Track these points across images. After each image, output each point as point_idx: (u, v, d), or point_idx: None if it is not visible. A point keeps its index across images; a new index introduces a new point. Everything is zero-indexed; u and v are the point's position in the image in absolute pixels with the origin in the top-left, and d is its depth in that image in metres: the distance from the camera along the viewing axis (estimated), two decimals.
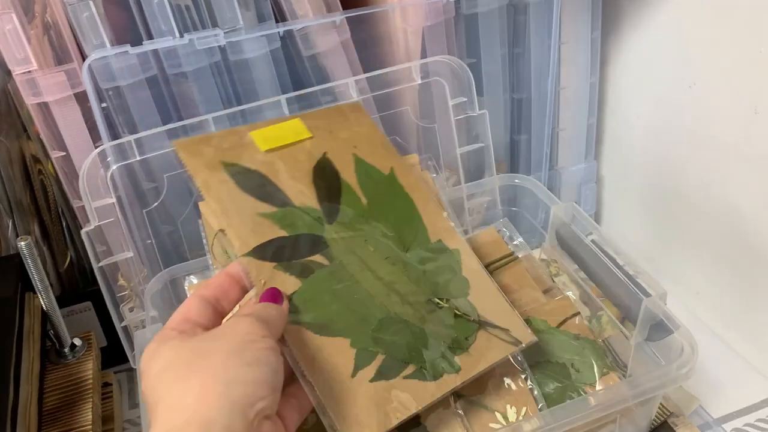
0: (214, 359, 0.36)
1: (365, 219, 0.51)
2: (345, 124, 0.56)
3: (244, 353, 0.37)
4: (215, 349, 0.37)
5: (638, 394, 0.47)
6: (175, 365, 0.37)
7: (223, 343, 0.37)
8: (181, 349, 0.38)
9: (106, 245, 0.61)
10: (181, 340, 0.39)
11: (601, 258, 0.56)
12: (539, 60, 0.73)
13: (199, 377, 0.35)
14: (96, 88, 0.57)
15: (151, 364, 0.38)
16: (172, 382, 0.36)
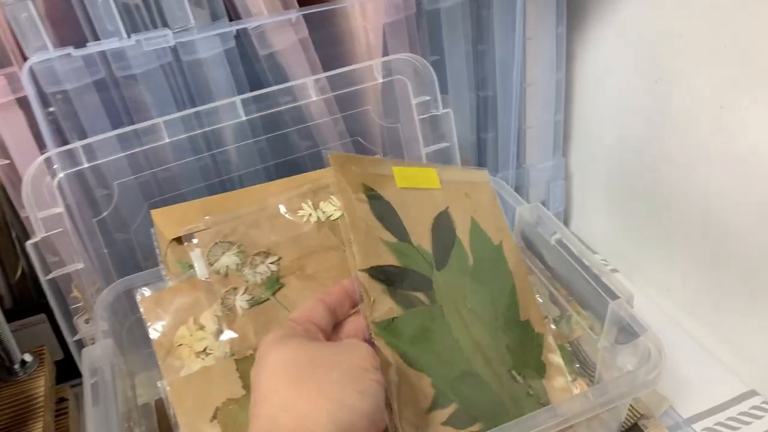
0: (332, 375, 0.37)
1: (468, 277, 0.54)
2: (471, 188, 0.59)
3: (358, 380, 0.38)
4: (335, 365, 0.38)
5: (606, 402, 0.46)
6: (296, 365, 0.38)
7: (344, 362, 0.38)
8: (305, 350, 0.39)
9: (58, 256, 0.58)
10: (307, 340, 0.40)
11: (566, 259, 0.55)
12: (504, 56, 0.72)
13: (314, 388, 0.36)
14: (39, 92, 0.55)
15: (274, 353, 0.39)
16: (288, 380, 0.37)
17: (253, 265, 0.52)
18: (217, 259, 0.52)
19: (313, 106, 0.64)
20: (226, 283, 0.52)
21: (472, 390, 0.48)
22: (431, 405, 0.46)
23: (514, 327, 0.53)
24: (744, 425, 0.61)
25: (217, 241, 0.53)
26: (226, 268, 0.52)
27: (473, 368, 0.49)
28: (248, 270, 0.52)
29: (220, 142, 0.62)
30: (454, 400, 0.47)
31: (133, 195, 0.60)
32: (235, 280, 0.52)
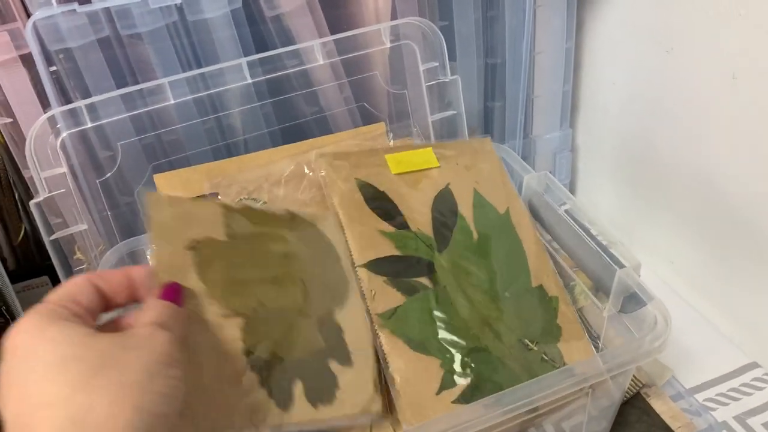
0: (129, 376, 0.31)
1: (473, 253, 0.54)
2: (472, 159, 0.58)
3: (159, 380, 0.32)
4: (130, 364, 0.32)
5: (612, 367, 0.46)
6: (81, 363, 0.31)
7: (139, 360, 0.32)
8: (89, 344, 0.32)
9: (61, 217, 0.58)
10: (81, 327, 0.33)
11: (574, 229, 0.54)
12: (514, 23, 0.71)
13: (110, 393, 0.30)
14: (43, 49, 0.54)
15: (44, 345, 0.31)
16: (74, 384, 0.30)
17: None
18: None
19: (320, 70, 0.63)
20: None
21: (482, 365, 0.49)
22: (440, 386, 0.47)
23: (526, 294, 0.53)
24: (745, 396, 0.61)
25: (243, 197, 0.53)
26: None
27: (482, 344, 0.50)
28: None
29: (225, 105, 0.61)
30: (464, 377, 0.48)
31: (137, 157, 0.60)
32: None
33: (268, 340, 0.43)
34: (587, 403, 0.51)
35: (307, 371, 0.44)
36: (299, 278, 0.47)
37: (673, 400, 0.60)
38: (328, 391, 0.45)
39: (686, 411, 0.60)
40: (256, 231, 0.47)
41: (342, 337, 0.47)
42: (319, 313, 0.47)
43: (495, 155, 0.60)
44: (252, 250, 0.46)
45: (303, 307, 0.46)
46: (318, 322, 0.47)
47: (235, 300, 0.43)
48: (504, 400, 0.43)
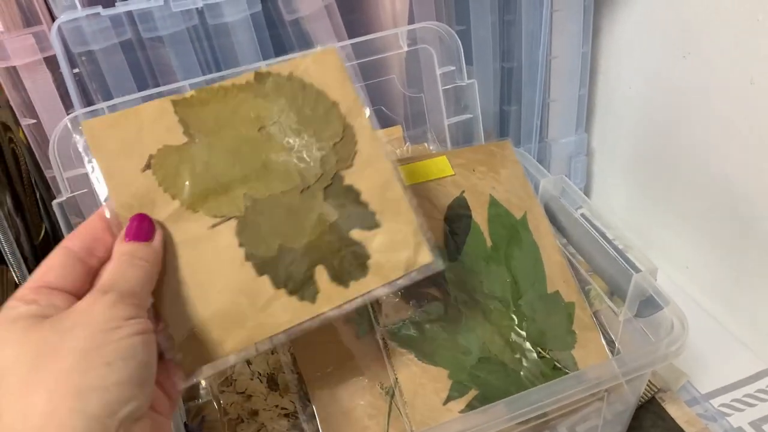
0: (65, 361, 0.29)
1: (486, 261, 0.53)
2: (489, 163, 0.57)
3: (102, 349, 0.29)
4: (66, 347, 0.29)
5: (627, 371, 0.46)
6: (19, 367, 0.29)
7: (77, 338, 0.29)
8: (26, 342, 0.29)
9: (82, 217, 0.58)
10: (28, 325, 0.30)
11: (590, 232, 0.54)
12: (531, 28, 0.71)
13: (46, 387, 0.28)
14: (67, 52, 0.55)
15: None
16: (14, 390, 0.28)
17: None
18: None
19: None
20: None
21: (491, 374, 0.49)
22: (448, 397, 0.48)
23: (541, 301, 0.53)
24: (761, 402, 0.61)
25: None
26: None
27: (492, 353, 0.50)
28: None
29: None
30: (472, 387, 0.48)
31: None
32: None
33: (271, 235, 0.39)
34: (602, 407, 0.52)
35: (325, 252, 0.39)
36: (288, 152, 0.40)
37: (689, 405, 0.60)
38: (358, 263, 0.40)
39: (701, 416, 0.60)
40: (219, 115, 0.40)
41: (360, 200, 0.41)
42: (324, 183, 0.40)
43: (515, 159, 0.60)
44: (221, 140, 0.40)
45: (301, 183, 0.40)
46: (325, 194, 0.40)
47: (219, 204, 0.38)
48: (514, 405, 0.43)
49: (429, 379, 0.48)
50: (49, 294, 0.32)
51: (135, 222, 0.36)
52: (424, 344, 0.50)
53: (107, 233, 0.36)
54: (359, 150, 0.41)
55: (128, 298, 0.32)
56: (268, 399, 0.50)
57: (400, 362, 0.49)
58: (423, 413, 0.47)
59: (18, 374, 0.29)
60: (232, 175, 0.39)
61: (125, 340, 0.30)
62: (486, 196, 0.56)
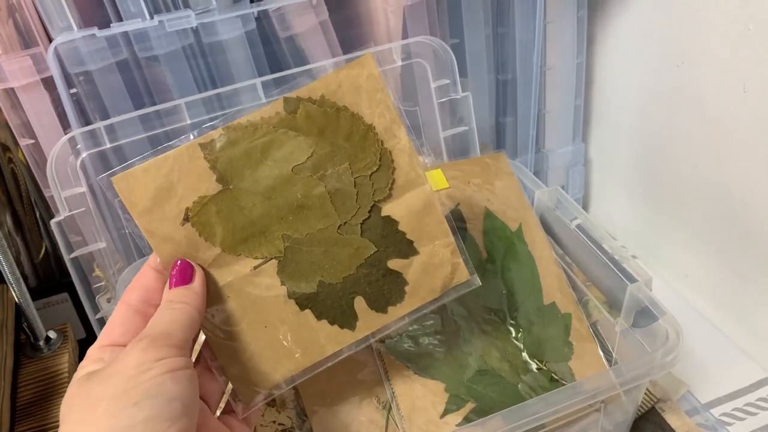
0: (101, 408, 0.32)
1: (482, 274, 0.52)
2: (484, 175, 0.57)
3: (131, 392, 0.32)
4: (102, 395, 0.32)
5: (624, 382, 0.46)
6: (72, 417, 0.33)
7: (110, 386, 0.32)
8: (79, 395, 0.33)
9: (81, 235, 0.59)
10: (84, 381, 0.34)
11: (585, 243, 0.55)
12: (524, 39, 0.71)
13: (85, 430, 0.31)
14: (64, 72, 0.55)
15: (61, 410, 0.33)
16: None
17: None
18: None
19: None
20: None
21: (488, 387, 0.49)
22: (445, 410, 0.48)
23: (538, 312, 0.53)
24: (762, 411, 0.60)
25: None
26: None
27: (488, 365, 0.50)
28: None
29: None
30: (469, 400, 0.48)
31: None
32: None
33: (310, 272, 0.40)
34: (600, 418, 0.51)
35: (363, 284, 0.40)
36: (323, 186, 0.40)
37: (689, 415, 0.60)
38: (396, 290, 0.41)
39: (702, 426, 0.59)
40: (251, 156, 0.39)
41: (398, 230, 0.41)
42: (361, 217, 0.40)
43: (509, 170, 0.60)
44: (255, 183, 0.39)
45: (338, 219, 0.40)
46: (362, 229, 0.40)
47: (259, 246, 0.39)
48: (511, 417, 0.43)
49: (426, 392, 0.49)
50: (112, 351, 0.35)
51: (176, 269, 0.38)
52: (420, 358, 0.50)
53: (160, 282, 0.38)
54: (397, 177, 0.41)
55: (161, 340, 0.34)
56: (266, 415, 0.50)
57: (397, 376, 0.49)
58: (420, 427, 0.47)
59: (71, 423, 0.32)
60: (269, 216, 0.39)
61: (153, 379, 0.32)
62: (481, 209, 0.57)
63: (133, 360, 0.33)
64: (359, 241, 0.40)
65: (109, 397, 0.32)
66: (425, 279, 0.41)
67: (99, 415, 0.31)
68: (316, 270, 0.40)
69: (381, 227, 0.41)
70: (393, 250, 0.41)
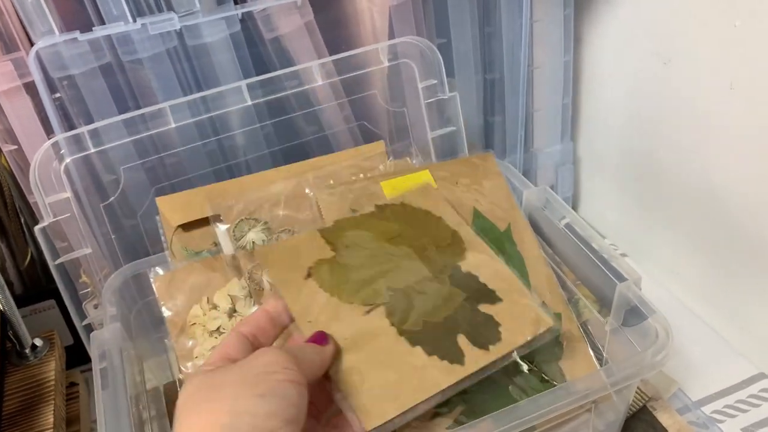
0: (226, 390, 0.35)
1: None
2: (472, 176, 0.59)
3: (258, 384, 0.35)
4: (229, 381, 0.36)
5: (615, 382, 0.46)
6: (192, 398, 0.36)
7: (238, 374, 0.36)
8: (202, 381, 0.37)
9: (66, 241, 0.58)
10: (207, 371, 0.38)
11: (574, 242, 0.54)
12: (511, 39, 0.71)
13: (208, 409, 0.34)
14: (46, 77, 0.55)
15: (179, 396, 0.37)
16: (186, 414, 0.35)
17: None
18: (243, 235, 0.53)
19: (319, 91, 0.64)
20: (253, 258, 0.52)
21: (477, 389, 0.48)
22: (435, 413, 0.47)
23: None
24: (753, 408, 0.60)
25: (243, 218, 0.54)
26: (253, 243, 0.53)
27: None
28: None
29: (226, 127, 0.62)
30: (459, 402, 0.48)
31: (139, 180, 0.60)
32: None
33: (415, 314, 0.46)
34: (591, 418, 0.51)
35: (462, 323, 0.46)
36: (414, 252, 0.49)
37: (680, 413, 0.60)
38: (492, 330, 0.46)
39: (693, 424, 0.59)
40: (355, 234, 0.50)
41: (480, 281, 0.48)
42: (447, 271, 0.49)
43: (497, 170, 0.60)
44: (360, 251, 0.49)
45: (429, 274, 0.48)
46: (450, 280, 0.48)
47: (368, 295, 0.46)
48: (502, 419, 0.43)
49: None
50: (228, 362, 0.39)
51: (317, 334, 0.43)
52: None
53: (269, 325, 0.44)
54: (467, 248, 0.51)
55: (292, 356, 0.38)
56: None
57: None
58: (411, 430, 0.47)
59: (191, 402, 0.36)
60: (373, 273, 0.48)
61: (278, 382, 0.36)
62: (470, 209, 0.56)
63: (264, 359, 0.37)
64: (450, 288, 0.48)
65: (235, 383, 0.35)
66: (514, 323, 0.46)
67: (223, 395, 0.35)
68: (420, 312, 0.46)
69: (465, 279, 0.48)
70: (480, 297, 0.47)
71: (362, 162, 0.60)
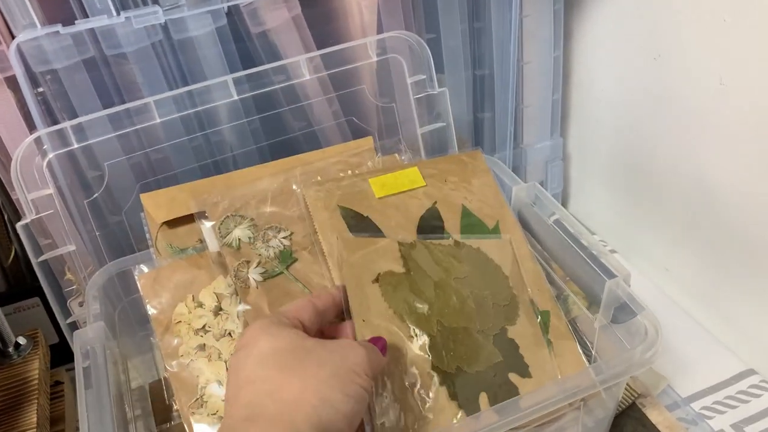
0: (322, 372, 0.37)
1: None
2: (461, 173, 0.59)
3: (346, 382, 0.37)
4: (326, 362, 0.37)
5: (604, 379, 0.45)
6: (288, 354, 0.37)
7: (334, 361, 0.38)
8: (298, 342, 0.38)
9: (50, 238, 0.58)
10: (299, 333, 0.39)
11: (563, 239, 0.54)
12: (501, 34, 0.71)
13: (302, 379, 0.36)
14: (28, 71, 0.54)
15: (264, 340, 0.38)
16: (278, 368, 0.37)
17: (266, 239, 0.53)
18: (229, 232, 0.53)
19: (307, 85, 0.63)
20: (239, 256, 0.52)
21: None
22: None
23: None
24: (742, 404, 0.60)
25: (229, 215, 0.53)
26: (239, 241, 0.53)
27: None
28: (261, 244, 0.53)
29: (212, 122, 0.61)
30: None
31: (124, 176, 0.60)
32: (248, 253, 0.52)
33: (452, 357, 0.47)
34: (580, 415, 0.51)
35: (489, 383, 0.47)
36: (472, 299, 0.51)
37: (670, 410, 0.60)
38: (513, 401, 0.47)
39: (682, 420, 0.59)
40: (428, 260, 0.52)
41: (518, 352, 0.50)
42: (494, 330, 0.50)
43: (486, 168, 0.60)
44: (427, 277, 0.51)
45: (478, 326, 0.50)
46: (494, 340, 0.49)
47: (419, 321, 0.48)
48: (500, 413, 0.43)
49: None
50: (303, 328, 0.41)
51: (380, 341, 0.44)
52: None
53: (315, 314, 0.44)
54: (520, 316, 0.51)
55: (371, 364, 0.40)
56: None
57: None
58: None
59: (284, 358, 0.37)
60: (431, 302, 0.49)
61: (359, 387, 0.38)
62: (458, 207, 0.56)
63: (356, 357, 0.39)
64: (491, 347, 0.49)
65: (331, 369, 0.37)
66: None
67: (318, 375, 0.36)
68: (457, 357, 0.48)
69: (507, 345, 0.50)
70: (513, 366, 0.49)
71: (350, 158, 0.60)
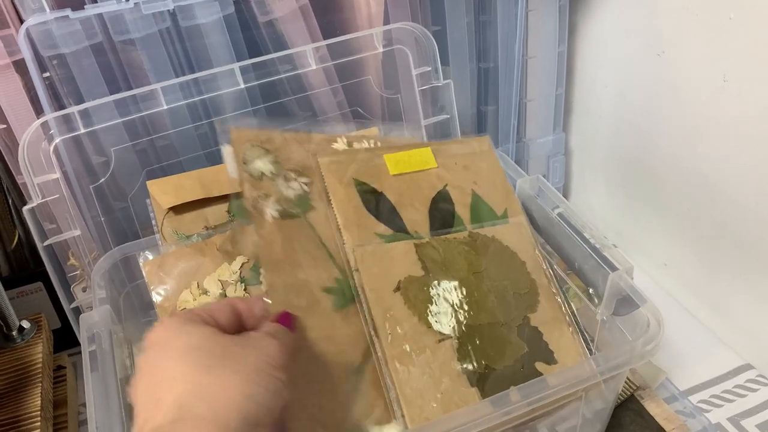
0: (244, 369, 0.36)
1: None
2: (471, 158, 0.59)
3: (267, 377, 0.37)
4: (246, 359, 0.37)
5: (604, 371, 0.46)
6: (207, 353, 0.36)
7: (253, 356, 0.37)
8: (215, 340, 0.37)
9: (55, 223, 0.58)
10: (213, 330, 0.38)
11: (567, 232, 0.54)
12: (506, 28, 0.71)
13: (227, 378, 0.35)
14: (36, 55, 0.54)
15: (180, 338, 0.37)
16: (199, 366, 0.36)
17: (287, 179, 0.51)
18: (252, 162, 0.50)
19: (313, 75, 0.63)
20: (259, 186, 0.50)
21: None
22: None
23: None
24: (739, 398, 0.61)
25: (254, 144, 0.51)
26: (261, 172, 0.50)
27: None
28: (281, 181, 0.51)
29: (218, 110, 0.61)
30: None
31: (130, 162, 0.60)
32: (268, 186, 0.50)
33: (480, 356, 0.48)
34: (580, 406, 0.52)
35: (518, 377, 0.48)
36: (493, 293, 0.51)
37: (667, 402, 0.60)
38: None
39: (680, 413, 0.60)
40: (446, 258, 0.51)
41: (543, 339, 0.50)
42: (517, 321, 0.50)
43: (493, 154, 0.60)
44: (447, 277, 0.50)
45: (501, 319, 0.50)
46: (518, 331, 0.50)
47: (445, 325, 0.48)
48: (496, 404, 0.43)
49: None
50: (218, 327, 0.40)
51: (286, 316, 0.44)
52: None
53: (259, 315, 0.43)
54: (541, 301, 0.52)
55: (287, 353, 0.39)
56: None
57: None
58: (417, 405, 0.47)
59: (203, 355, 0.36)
60: (454, 303, 0.49)
61: (278, 381, 0.37)
62: (468, 191, 0.56)
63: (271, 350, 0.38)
64: (516, 339, 0.50)
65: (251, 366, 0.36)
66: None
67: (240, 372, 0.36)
68: (484, 356, 0.48)
69: (531, 334, 0.50)
70: (539, 354, 0.50)
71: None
